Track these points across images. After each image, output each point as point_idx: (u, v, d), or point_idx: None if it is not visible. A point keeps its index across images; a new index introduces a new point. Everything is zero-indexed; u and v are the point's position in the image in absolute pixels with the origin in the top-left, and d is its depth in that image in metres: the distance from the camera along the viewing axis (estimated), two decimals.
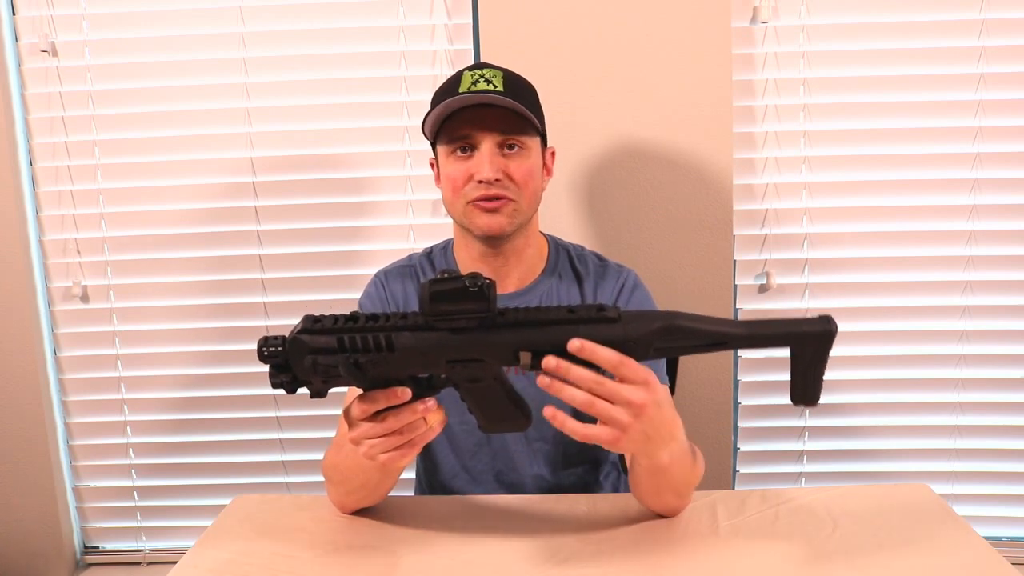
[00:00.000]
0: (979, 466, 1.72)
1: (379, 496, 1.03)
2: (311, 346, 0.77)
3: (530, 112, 1.05)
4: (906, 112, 1.62)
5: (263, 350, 0.78)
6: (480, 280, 0.74)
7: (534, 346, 0.75)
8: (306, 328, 0.78)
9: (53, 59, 1.67)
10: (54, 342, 1.78)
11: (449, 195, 1.09)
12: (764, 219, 1.67)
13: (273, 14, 1.65)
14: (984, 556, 0.88)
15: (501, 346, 0.76)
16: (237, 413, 1.78)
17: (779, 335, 0.75)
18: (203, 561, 0.93)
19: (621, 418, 0.76)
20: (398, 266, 1.21)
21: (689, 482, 0.96)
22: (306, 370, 0.78)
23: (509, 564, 0.90)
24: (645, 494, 0.97)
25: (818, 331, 0.74)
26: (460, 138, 1.06)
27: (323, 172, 1.69)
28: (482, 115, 1.04)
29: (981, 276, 1.66)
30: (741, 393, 1.72)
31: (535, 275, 1.16)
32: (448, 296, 0.74)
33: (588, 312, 0.75)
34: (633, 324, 0.75)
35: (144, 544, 1.86)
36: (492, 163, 1.04)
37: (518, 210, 1.07)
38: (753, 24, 1.61)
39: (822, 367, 0.75)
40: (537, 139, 1.10)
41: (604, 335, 0.74)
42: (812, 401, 0.77)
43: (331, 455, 1.02)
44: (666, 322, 0.75)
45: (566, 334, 0.74)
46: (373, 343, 0.77)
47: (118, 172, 1.71)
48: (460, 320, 0.75)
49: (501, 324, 0.76)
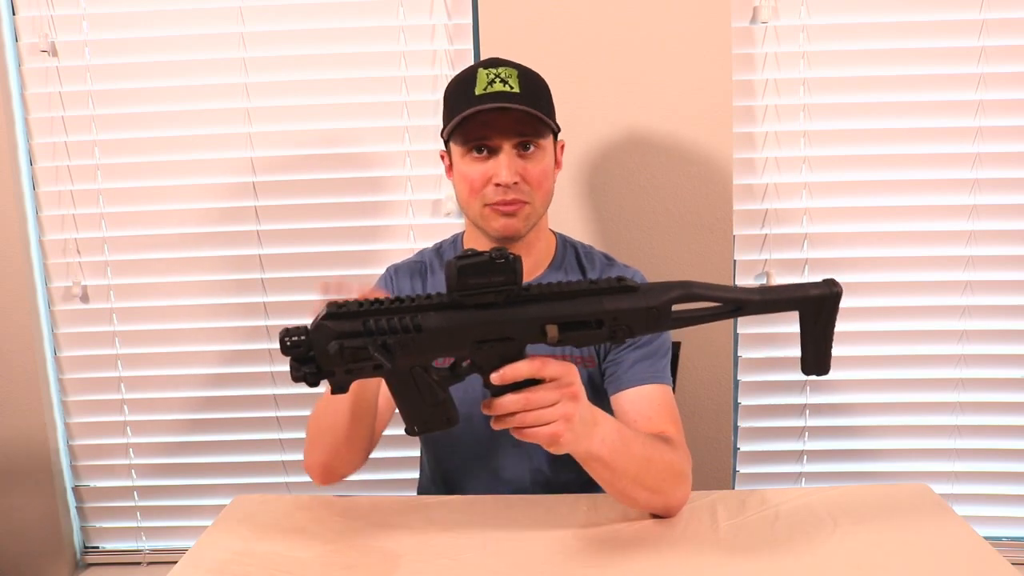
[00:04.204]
0: (979, 466, 1.72)
1: (350, 443, 1.02)
2: (336, 331, 0.76)
3: (547, 114, 1.06)
4: (906, 112, 1.62)
5: (285, 340, 0.76)
6: (506, 253, 0.74)
7: (561, 318, 0.77)
8: (330, 313, 0.76)
9: (53, 59, 1.67)
10: (54, 342, 1.78)
11: (466, 195, 1.10)
12: (764, 219, 1.67)
13: (273, 14, 1.65)
14: (984, 556, 0.88)
15: (528, 321, 0.77)
16: (237, 413, 1.78)
17: (789, 299, 0.79)
18: (203, 561, 0.93)
19: (555, 414, 0.79)
20: (409, 262, 1.22)
21: (662, 476, 0.95)
22: (331, 358, 0.76)
23: (509, 564, 0.90)
24: (615, 495, 0.96)
25: (825, 293, 0.78)
26: (477, 139, 1.06)
27: (323, 172, 1.69)
28: (499, 117, 1.04)
29: (981, 276, 1.66)
30: (741, 393, 1.72)
31: (541, 269, 1.17)
32: (476, 270, 0.74)
33: (609, 283, 0.77)
34: (652, 292, 0.77)
35: (144, 544, 1.86)
36: (510, 167, 1.05)
37: (533, 211, 1.09)
38: (753, 24, 1.61)
39: (830, 332, 0.79)
40: (551, 136, 1.11)
41: (625, 304, 0.77)
42: (823, 369, 0.80)
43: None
44: (683, 290, 0.78)
45: (590, 305, 0.77)
46: (400, 325, 0.76)
47: (118, 172, 1.71)
48: (488, 295, 0.75)
49: (527, 298, 0.77)
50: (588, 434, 0.85)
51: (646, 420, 1.05)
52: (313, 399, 1.07)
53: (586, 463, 0.90)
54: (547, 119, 1.06)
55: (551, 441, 0.80)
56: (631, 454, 0.91)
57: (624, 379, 1.08)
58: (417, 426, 0.82)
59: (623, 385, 1.08)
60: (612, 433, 0.89)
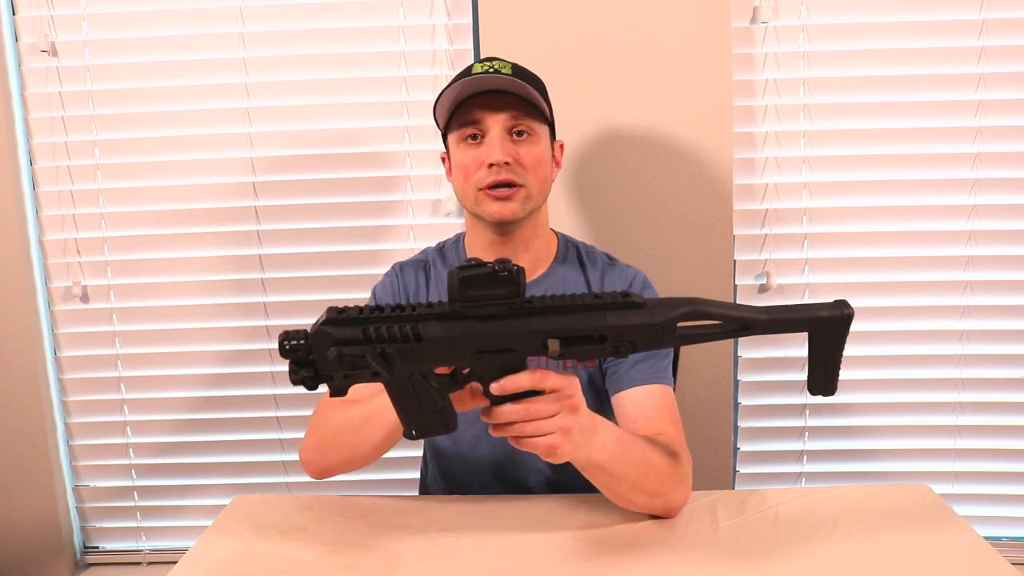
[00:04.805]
0: (979, 466, 1.72)
1: (364, 461, 1.02)
2: (336, 337, 0.75)
3: (539, 98, 1.07)
4: (906, 112, 1.62)
5: (284, 344, 0.75)
6: (509, 265, 0.73)
7: (563, 332, 0.75)
8: (330, 319, 0.76)
9: (53, 59, 1.67)
10: (54, 342, 1.78)
11: (460, 183, 1.10)
12: (764, 219, 1.67)
13: (273, 14, 1.65)
14: (984, 556, 0.88)
15: (530, 333, 0.76)
16: (237, 413, 1.78)
17: (798, 320, 0.77)
18: (203, 561, 0.93)
19: (553, 425, 0.78)
20: (413, 259, 1.23)
21: (661, 480, 0.95)
22: (330, 363, 0.76)
23: (509, 564, 0.90)
24: (614, 499, 0.96)
25: (836, 315, 0.76)
26: (470, 123, 1.07)
27: (323, 172, 1.69)
28: (491, 100, 1.06)
29: (981, 276, 1.66)
30: (741, 393, 1.72)
31: (543, 268, 1.17)
32: (478, 281, 0.73)
33: (614, 298, 0.76)
34: (658, 309, 0.76)
35: (144, 544, 1.86)
36: (502, 147, 1.05)
37: (529, 196, 1.08)
38: (753, 24, 1.61)
39: (839, 353, 0.77)
40: (546, 128, 1.12)
41: (630, 320, 0.75)
42: (830, 390, 0.78)
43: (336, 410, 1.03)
44: (690, 307, 0.76)
45: (594, 320, 0.75)
46: (400, 333, 0.75)
47: (118, 172, 1.71)
48: (489, 307, 0.74)
49: (529, 311, 0.76)
50: (587, 444, 0.85)
51: (646, 420, 1.05)
52: (315, 399, 1.07)
53: (585, 470, 0.90)
54: (540, 104, 1.07)
55: (548, 452, 0.80)
56: (630, 460, 0.91)
57: (625, 379, 1.08)
58: (416, 431, 0.82)
59: (624, 385, 1.08)
60: (612, 440, 0.89)
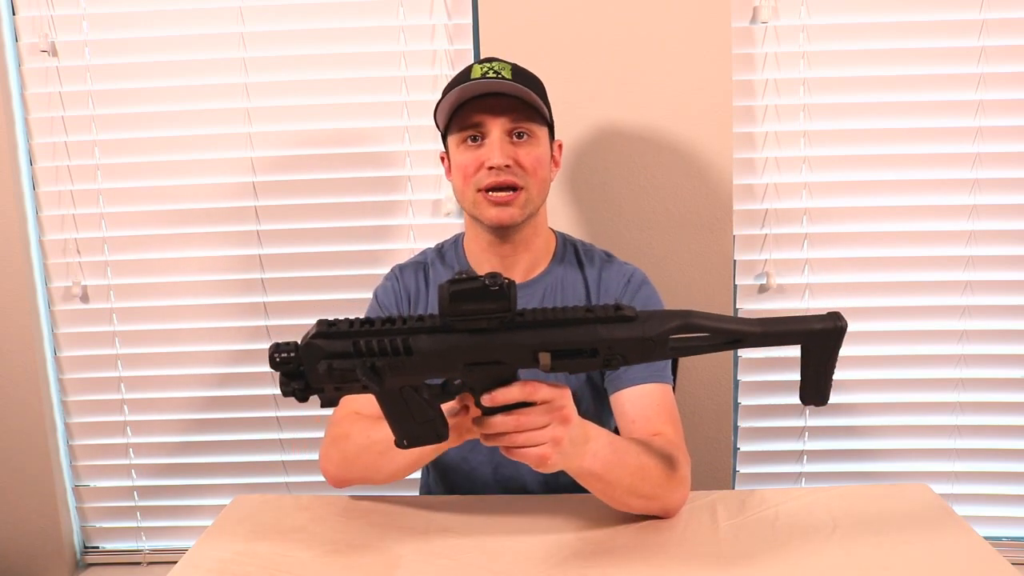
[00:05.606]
0: (979, 466, 1.72)
1: (386, 480, 1.02)
2: (326, 351, 0.75)
3: (539, 100, 1.07)
4: (906, 112, 1.62)
5: (275, 356, 0.75)
6: (500, 279, 0.72)
7: (554, 346, 0.75)
8: (321, 332, 0.76)
9: (53, 59, 1.67)
10: (54, 342, 1.78)
11: (460, 184, 1.10)
12: (764, 219, 1.67)
13: (273, 14, 1.65)
14: (984, 556, 0.88)
15: (521, 347, 0.75)
16: (237, 413, 1.78)
17: (791, 332, 0.76)
18: (203, 561, 0.93)
19: (544, 436, 0.78)
20: (412, 261, 1.23)
21: (657, 483, 0.95)
22: (320, 376, 0.76)
23: (509, 564, 0.90)
24: (611, 503, 0.96)
25: (829, 327, 0.75)
26: (471, 126, 1.07)
27: (323, 172, 1.69)
28: (492, 103, 1.06)
29: (981, 276, 1.66)
30: (741, 393, 1.72)
31: (542, 267, 1.17)
32: (468, 295, 0.72)
33: (606, 312, 0.75)
34: (650, 322, 0.75)
35: (144, 544, 1.86)
36: (502, 149, 1.05)
37: (529, 199, 1.08)
38: (753, 24, 1.61)
39: (832, 364, 0.77)
40: (545, 129, 1.12)
41: (621, 334, 0.74)
42: (822, 400, 0.78)
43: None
44: (683, 320, 0.75)
45: (586, 334, 0.74)
46: (390, 347, 0.75)
47: (118, 172, 1.71)
48: (480, 320, 0.74)
49: (520, 325, 0.75)
50: (578, 454, 0.85)
51: (645, 420, 1.04)
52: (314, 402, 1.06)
53: (579, 477, 0.90)
54: (539, 106, 1.07)
55: (539, 463, 0.80)
56: (625, 465, 0.91)
57: (624, 378, 1.08)
58: (407, 440, 0.82)
59: (623, 384, 1.08)
60: (605, 447, 0.89)
